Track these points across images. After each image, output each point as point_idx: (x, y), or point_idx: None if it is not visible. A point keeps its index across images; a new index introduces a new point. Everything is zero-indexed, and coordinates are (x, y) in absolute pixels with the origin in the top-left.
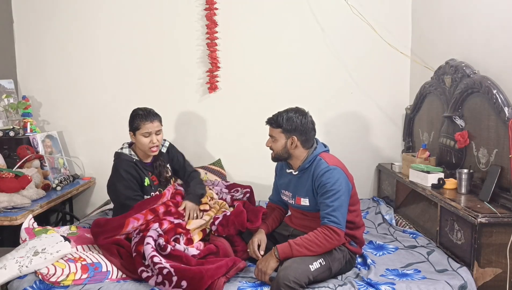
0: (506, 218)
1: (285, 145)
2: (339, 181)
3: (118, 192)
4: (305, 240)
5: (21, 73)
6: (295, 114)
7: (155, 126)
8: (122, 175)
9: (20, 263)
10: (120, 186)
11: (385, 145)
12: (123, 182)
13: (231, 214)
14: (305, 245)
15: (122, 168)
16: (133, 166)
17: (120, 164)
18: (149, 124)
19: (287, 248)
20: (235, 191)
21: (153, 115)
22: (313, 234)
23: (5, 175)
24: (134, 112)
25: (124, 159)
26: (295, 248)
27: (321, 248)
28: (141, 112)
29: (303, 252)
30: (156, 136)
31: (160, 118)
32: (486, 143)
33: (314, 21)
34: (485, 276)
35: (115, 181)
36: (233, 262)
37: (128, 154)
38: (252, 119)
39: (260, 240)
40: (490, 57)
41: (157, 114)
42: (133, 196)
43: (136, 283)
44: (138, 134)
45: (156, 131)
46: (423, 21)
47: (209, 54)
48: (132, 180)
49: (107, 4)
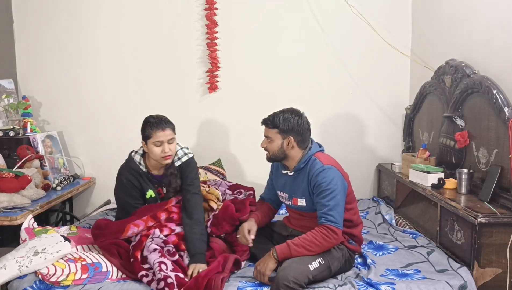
0: (506, 218)
1: (282, 146)
2: (334, 180)
3: (119, 197)
4: (303, 240)
5: (21, 73)
6: (291, 115)
7: (167, 134)
8: (123, 182)
9: (20, 263)
10: (121, 192)
11: (385, 145)
12: (124, 189)
13: (219, 211)
14: (303, 245)
15: (124, 175)
16: (136, 176)
17: (123, 170)
18: (160, 132)
19: (286, 249)
20: (238, 193)
21: (165, 123)
22: (311, 234)
23: (5, 175)
24: (146, 120)
25: (130, 167)
26: (293, 248)
27: (320, 248)
28: (152, 120)
29: (301, 252)
30: (169, 145)
31: (173, 126)
32: (486, 143)
33: (314, 21)
34: (485, 276)
35: (117, 185)
36: (224, 258)
37: (137, 163)
38: (252, 119)
39: (250, 226)
40: (490, 57)
41: (169, 121)
42: (134, 204)
43: (136, 283)
44: (150, 143)
45: (168, 139)
46: (423, 21)
47: (209, 54)
48: (134, 188)
49: (107, 4)
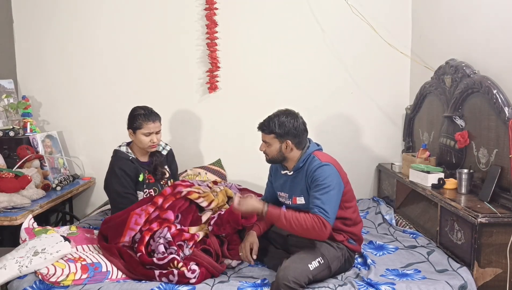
0: (506, 218)
1: (280, 149)
2: (330, 176)
3: (110, 188)
4: (294, 218)
5: (21, 73)
6: (287, 118)
7: (157, 126)
8: (116, 172)
9: (20, 263)
10: (113, 182)
11: (385, 145)
12: (116, 179)
13: (225, 212)
14: (292, 221)
15: (117, 166)
16: (129, 163)
17: (115, 161)
18: (151, 124)
19: (277, 214)
20: None
21: (154, 115)
22: (304, 216)
23: (5, 175)
24: (135, 111)
25: (120, 156)
26: (282, 218)
27: (305, 232)
28: (143, 112)
29: (286, 226)
30: (156, 135)
31: (160, 117)
32: (486, 143)
33: (314, 21)
34: (485, 276)
35: (109, 177)
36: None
37: (125, 152)
38: (252, 119)
39: (252, 243)
40: (490, 57)
41: (157, 113)
42: (123, 193)
43: (136, 283)
44: (139, 133)
45: (156, 130)
46: (423, 21)
47: (209, 54)
48: (125, 178)
49: (107, 4)
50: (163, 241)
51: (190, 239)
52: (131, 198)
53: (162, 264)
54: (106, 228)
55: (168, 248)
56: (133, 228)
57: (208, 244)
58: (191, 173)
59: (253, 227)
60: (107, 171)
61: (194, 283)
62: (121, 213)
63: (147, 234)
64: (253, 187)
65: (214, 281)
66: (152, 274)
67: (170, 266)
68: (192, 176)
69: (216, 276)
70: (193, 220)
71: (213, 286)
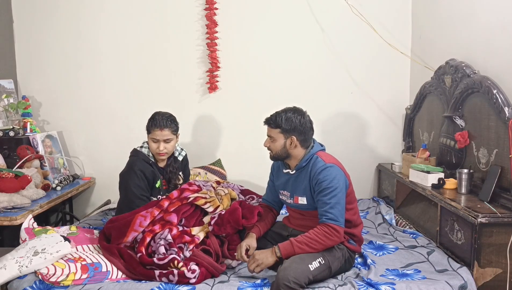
0: (506, 218)
1: (284, 145)
2: (336, 178)
3: (128, 189)
4: (306, 238)
5: (21, 73)
6: (294, 114)
7: (164, 134)
8: (136, 173)
9: (20, 263)
10: (131, 184)
11: (385, 145)
12: (136, 180)
13: (226, 212)
14: (306, 243)
15: (137, 166)
16: (149, 166)
17: (136, 161)
18: (158, 131)
19: (289, 246)
20: (250, 199)
21: (164, 123)
22: (313, 232)
23: (5, 175)
24: (152, 115)
25: (141, 158)
26: (296, 245)
27: (322, 245)
28: (157, 117)
29: (304, 249)
30: (164, 144)
31: (174, 127)
32: (486, 143)
33: (314, 21)
34: (485, 276)
35: (128, 177)
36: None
37: (146, 154)
38: (252, 119)
39: (249, 245)
40: (490, 57)
41: (171, 122)
42: (140, 195)
43: (136, 283)
44: (149, 137)
45: (164, 139)
46: (423, 21)
47: (209, 54)
48: (144, 180)
49: (107, 5)
50: (163, 242)
51: (190, 242)
52: (146, 201)
53: (162, 264)
54: (110, 228)
55: (168, 249)
56: (137, 230)
57: (208, 244)
58: (191, 173)
59: (253, 228)
60: (125, 169)
61: (194, 283)
62: (127, 215)
63: (149, 235)
64: (253, 187)
65: (214, 281)
66: (152, 274)
67: (170, 266)
68: (192, 176)
69: (216, 276)
70: (196, 224)
71: (213, 286)
